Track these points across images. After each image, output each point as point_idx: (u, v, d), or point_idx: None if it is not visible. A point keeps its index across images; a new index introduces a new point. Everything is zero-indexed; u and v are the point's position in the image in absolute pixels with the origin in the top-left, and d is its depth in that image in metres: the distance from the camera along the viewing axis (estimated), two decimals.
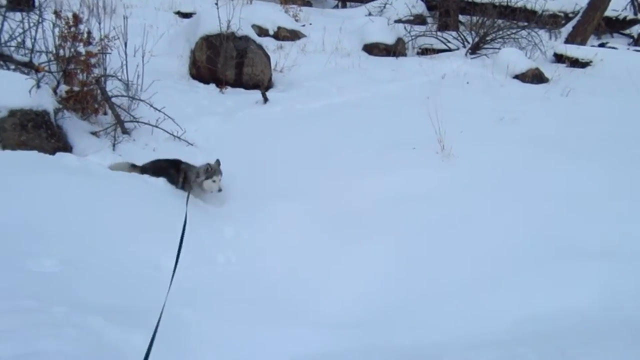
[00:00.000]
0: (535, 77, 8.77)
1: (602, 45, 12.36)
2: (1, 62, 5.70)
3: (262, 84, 8.22)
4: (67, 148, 5.29)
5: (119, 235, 3.75)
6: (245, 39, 8.34)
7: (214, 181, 4.96)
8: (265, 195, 5.06)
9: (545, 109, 7.16)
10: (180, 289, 3.33)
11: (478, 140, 5.92)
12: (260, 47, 8.53)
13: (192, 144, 5.99)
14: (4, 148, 4.76)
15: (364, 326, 3.40)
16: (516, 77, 8.84)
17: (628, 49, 12.18)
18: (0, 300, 2.61)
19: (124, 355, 2.50)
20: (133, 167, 5.11)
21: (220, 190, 5.02)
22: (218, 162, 5.07)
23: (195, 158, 5.44)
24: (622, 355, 2.22)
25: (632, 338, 2.49)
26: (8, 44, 5.87)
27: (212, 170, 4.96)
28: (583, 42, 11.71)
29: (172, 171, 5.07)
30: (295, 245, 4.39)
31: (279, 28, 11.30)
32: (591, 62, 9.67)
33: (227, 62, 8.20)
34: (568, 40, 11.71)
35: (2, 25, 5.79)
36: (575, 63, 9.87)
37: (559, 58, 10.26)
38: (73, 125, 5.67)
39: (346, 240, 4.43)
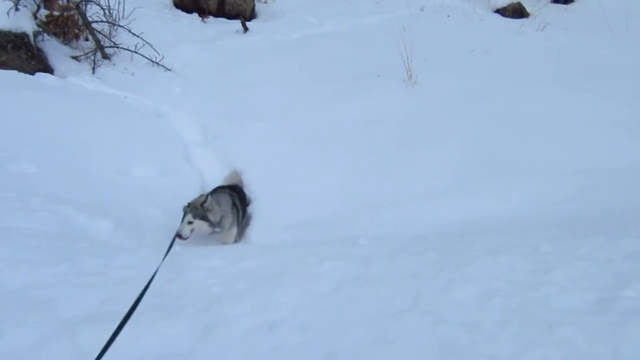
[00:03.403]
0: (515, 11, 8.85)
1: None
2: None
3: (244, 14, 8.32)
4: (47, 70, 5.53)
5: (94, 146, 4.10)
6: None
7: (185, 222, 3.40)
8: (238, 115, 5.36)
9: (518, 43, 7.32)
10: (147, 191, 3.74)
11: (445, 70, 6.16)
12: None
13: (169, 69, 6.22)
14: None
15: (314, 225, 3.81)
16: (497, 11, 8.92)
17: None
18: None
19: (90, 236, 2.90)
20: None
21: (180, 236, 3.28)
22: (205, 196, 3.50)
23: (171, 82, 5.70)
24: (506, 239, 2.61)
25: (525, 232, 2.87)
26: None
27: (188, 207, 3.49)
28: None
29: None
30: (264, 158, 4.74)
31: None
32: None
33: None
34: None
35: None
36: None
37: None
38: (54, 49, 5.88)
39: (311, 155, 4.78)
